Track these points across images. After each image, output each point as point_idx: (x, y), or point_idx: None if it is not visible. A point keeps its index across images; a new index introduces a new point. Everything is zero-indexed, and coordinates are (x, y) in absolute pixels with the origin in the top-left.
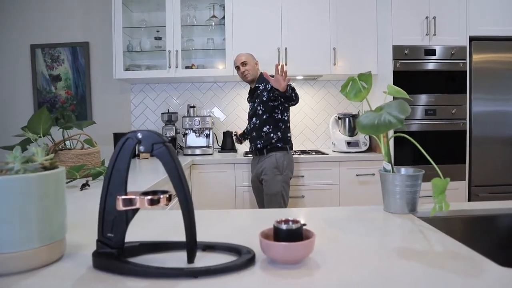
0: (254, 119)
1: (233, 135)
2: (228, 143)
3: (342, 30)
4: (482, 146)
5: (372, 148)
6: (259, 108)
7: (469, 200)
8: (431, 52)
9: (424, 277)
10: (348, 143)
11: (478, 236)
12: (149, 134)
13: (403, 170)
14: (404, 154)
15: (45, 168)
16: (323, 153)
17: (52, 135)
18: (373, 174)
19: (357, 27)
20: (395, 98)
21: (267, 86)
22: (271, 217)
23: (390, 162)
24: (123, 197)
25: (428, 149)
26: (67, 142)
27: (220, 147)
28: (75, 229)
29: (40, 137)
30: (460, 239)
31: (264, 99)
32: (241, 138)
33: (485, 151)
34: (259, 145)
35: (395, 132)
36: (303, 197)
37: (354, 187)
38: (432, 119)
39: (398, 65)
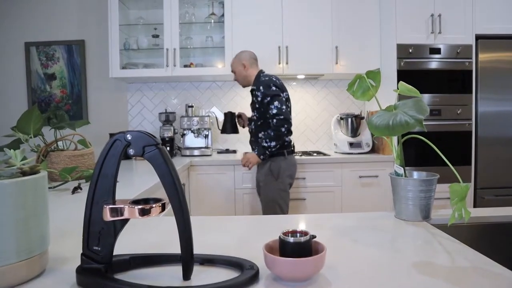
0: (252, 124)
1: (236, 115)
2: (229, 126)
3: (344, 28)
4: (488, 147)
5: (375, 149)
6: (253, 113)
7: (474, 202)
8: (436, 50)
9: None
10: (351, 144)
11: (503, 247)
12: (139, 135)
13: (416, 174)
14: (408, 155)
15: (23, 174)
16: (324, 154)
17: (44, 135)
18: (377, 176)
19: (360, 25)
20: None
21: (260, 87)
22: (274, 224)
23: (402, 165)
24: (111, 206)
25: (433, 150)
26: (60, 143)
27: (220, 130)
28: (62, 238)
29: (30, 137)
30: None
31: (257, 105)
32: (246, 121)
33: (491, 153)
34: (256, 152)
35: (405, 134)
36: (304, 199)
37: (357, 189)
38: (437, 120)
39: (402, 63)
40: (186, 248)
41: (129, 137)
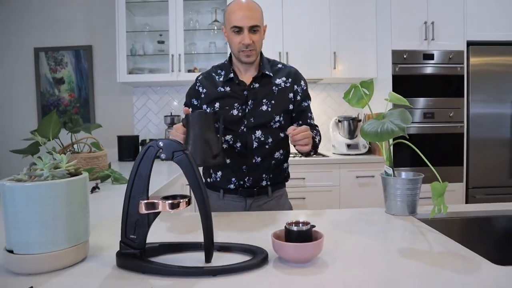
0: (266, 136)
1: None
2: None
3: (342, 34)
4: (479, 148)
5: (371, 150)
6: (277, 117)
7: (466, 201)
8: (430, 56)
9: (424, 275)
10: (348, 146)
11: (476, 236)
12: (169, 142)
13: (404, 174)
14: (403, 157)
15: (70, 174)
16: (323, 156)
17: (60, 138)
18: (373, 176)
19: (357, 32)
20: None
21: (301, 77)
22: (280, 218)
23: (391, 166)
24: (146, 201)
25: (427, 152)
26: (75, 146)
27: None
28: (93, 231)
29: (48, 140)
30: (459, 240)
31: (290, 106)
32: None
33: (482, 153)
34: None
35: (394, 139)
36: (304, 198)
37: (354, 189)
38: (430, 122)
39: (397, 69)
40: (208, 236)
41: (161, 144)
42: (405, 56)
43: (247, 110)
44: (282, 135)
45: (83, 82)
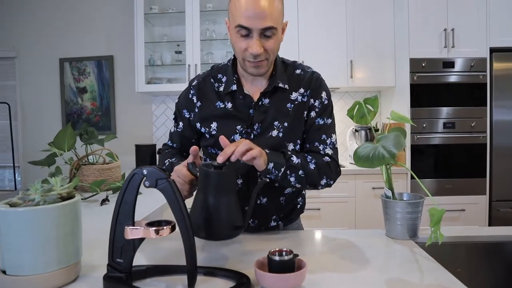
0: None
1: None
2: None
3: (359, 42)
4: (504, 158)
5: None
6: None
7: (490, 215)
8: (450, 64)
9: None
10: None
11: (484, 264)
12: (153, 170)
13: (406, 195)
14: (425, 166)
15: (62, 198)
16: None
17: (77, 149)
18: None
19: (374, 40)
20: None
21: (324, 88)
22: (271, 238)
23: (391, 188)
24: (131, 227)
25: (447, 163)
26: (90, 157)
27: None
28: (91, 248)
29: (64, 152)
30: (465, 267)
31: (305, 118)
32: None
33: (506, 164)
34: None
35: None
36: (319, 209)
37: (370, 201)
38: (451, 133)
39: (415, 78)
40: (191, 262)
41: (145, 172)
42: (423, 64)
43: (252, 136)
44: None
45: (105, 91)
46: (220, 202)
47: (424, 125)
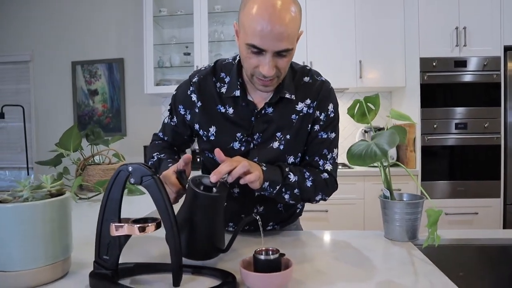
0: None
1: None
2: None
3: (368, 42)
4: None
5: (399, 162)
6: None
7: (504, 218)
8: (462, 63)
9: None
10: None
11: (490, 267)
12: (138, 167)
13: (405, 196)
14: (436, 168)
15: (51, 195)
16: (349, 167)
17: (84, 150)
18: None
19: (384, 39)
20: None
21: (330, 100)
22: (266, 238)
23: (389, 188)
24: (116, 224)
25: (460, 165)
26: (97, 157)
27: None
28: (87, 246)
29: (70, 151)
30: (467, 271)
31: (309, 130)
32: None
33: None
34: None
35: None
36: (326, 211)
37: (379, 203)
38: (463, 134)
39: (425, 77)
40: (176, 260)
41: (130, 168)
42: (434, 64)
43: (251, 145)
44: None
45: (115, 94)
46: (204, 223)
47: (435, 125)
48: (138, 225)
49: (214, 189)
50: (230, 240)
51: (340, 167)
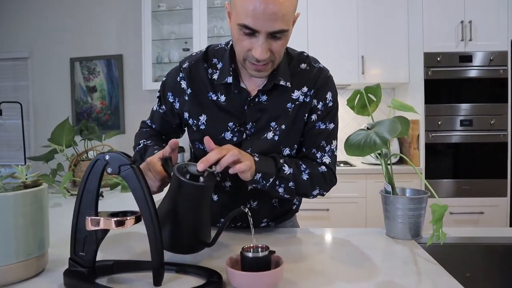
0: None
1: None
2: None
3: (370, 37)
4: None
5: (403, 160)
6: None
7: (511, 218)
8: (467, 58)
9: None
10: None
11: (499, 267)
12: (116, 156)
13: (408, 191)
14: (441, 166)
15: (26, 187)
16: (351, 165)
17: (78, 145)
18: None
19: (387, 34)
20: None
21: (330, 88)
22: (259, 237)
23: (391, 183)
24: (91, 217)
25: (465, 162)
26: (91, 153)
27: None
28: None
29: (63, 147)
30: (474, 271)
31: (305, 120)
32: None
33: None
34: None
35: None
36: (327, 210)
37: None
38: (468, 131)
39: (430, 73)
40: (157, 257)
41: (107, 157)
42: (438, 59)
43: (244, 136)
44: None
45: (114, 90)
46: (189, 215)
47: (439, 122)
48: (115, 219)
49: (201, 179)
50: (216, 234)
51: (341, 165)
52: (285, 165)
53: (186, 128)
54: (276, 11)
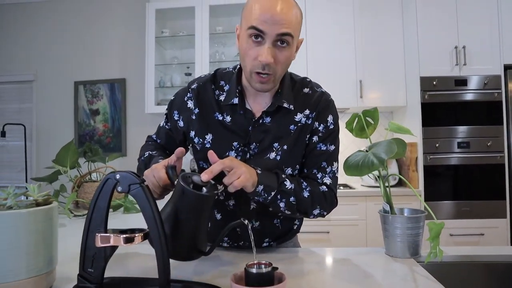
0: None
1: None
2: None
3: (368, 62)
4: None
5: (401, 182)
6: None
7: (511, 240)
8: (462, 82)
9: None
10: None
11: (495, 284)
12: (126, 175)
13: (406, 211)
14: (440, 188)
15: (37, 204)
16: (350, 187)
17: (82, 167)
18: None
19: (384, 59)
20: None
21: (331, 111)
22: (260, 256)
23: (389, 202)
24: (101, 234)
25: (464, 184)
26: (94, 174)
27: None
28: (76, 261)
29: (67, 168)
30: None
31: (307, 142)
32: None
33: None
34: None
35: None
36: (328, 232)
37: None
38: (465, 153)
39: (426, 96)
40: (164, 274)
41: (118, 176)
42: (434, 83)
43: (248, 155)
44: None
45: (117, 113)
46: (189, 222)
47: (437, 145)
48: (124, 236)
49: (204, 189)
50: (213, 243)
51: (341, 188)
52: (286, 180)
53: (189, 147)
54: (284, 15)
